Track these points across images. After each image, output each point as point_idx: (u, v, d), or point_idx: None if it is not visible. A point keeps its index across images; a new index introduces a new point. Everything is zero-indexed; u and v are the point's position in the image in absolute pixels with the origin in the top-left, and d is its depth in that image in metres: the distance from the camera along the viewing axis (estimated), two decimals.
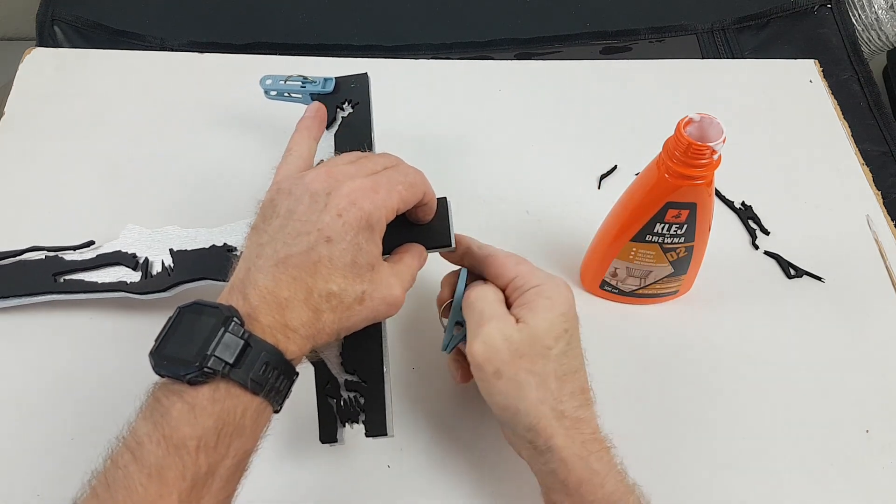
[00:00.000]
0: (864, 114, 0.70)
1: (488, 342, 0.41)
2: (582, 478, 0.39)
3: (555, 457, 0.39)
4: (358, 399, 0.44)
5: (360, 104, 0.54)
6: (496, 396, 0.40)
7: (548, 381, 0.40)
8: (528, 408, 0.40)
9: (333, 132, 0.53)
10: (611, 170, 0.63)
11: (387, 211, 0.39)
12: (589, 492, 0.39)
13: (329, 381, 0.45)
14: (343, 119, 0.53)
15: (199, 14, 0.77)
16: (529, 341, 0.40)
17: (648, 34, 0.76)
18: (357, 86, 0.54)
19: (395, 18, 0.77)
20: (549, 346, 0.41)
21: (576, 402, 0.41)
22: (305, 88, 0.55)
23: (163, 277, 0.50)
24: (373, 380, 0.44)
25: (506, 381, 0.40)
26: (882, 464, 0.49)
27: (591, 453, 0.40)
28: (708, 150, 0.43)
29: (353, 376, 0.44)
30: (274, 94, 0.57)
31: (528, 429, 0.40)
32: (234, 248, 0.50)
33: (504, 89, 0.69)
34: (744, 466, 0.48)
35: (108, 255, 0.51)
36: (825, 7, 0.77)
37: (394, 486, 0.47)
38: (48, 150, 0.62)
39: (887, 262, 0.58)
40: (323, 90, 0.54)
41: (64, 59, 0.68)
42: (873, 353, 0.53)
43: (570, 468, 0.39)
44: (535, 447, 0.40)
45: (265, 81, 0.57)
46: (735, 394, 0.51)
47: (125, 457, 0.33)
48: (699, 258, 0.52)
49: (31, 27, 0.74)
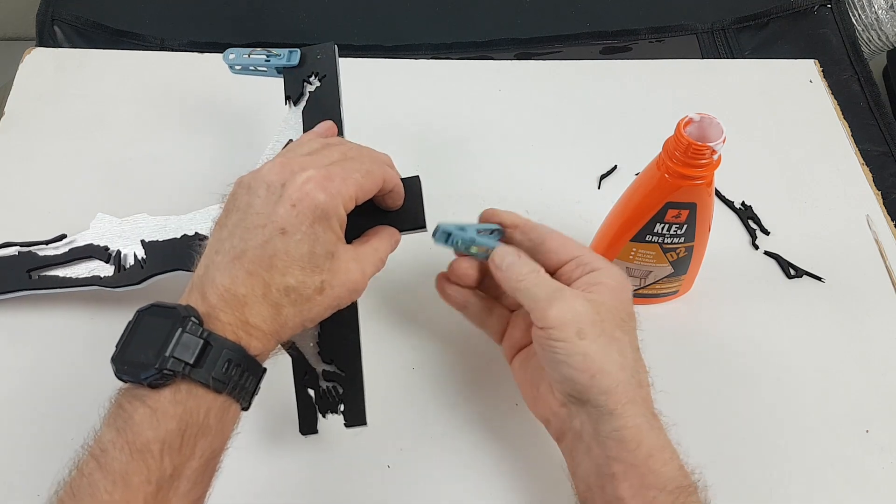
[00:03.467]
0: (864, 114, 0.70)
1: (574, 306, 0.40)
2: (652, 449, 0.38)
3: (628, 423, 0.38)
4: (336, 389, 0.44)
5: (327, 77, 0.51)
6: (574, 357, 0.39)
7: (626, 350, 0.40)
8: (610, 369, 0.39)
9: (301, 108, 0.51)
10: (611, 170, 0.63)
11: (343, 199, 0.38)
12: (657, 464, 0.38)
13: (307, 372, 0.45)
14: (310, 94, 0.51)
15: (199, 14, 0.76)
16: (607, 312, 0.40)
17: (648, 34, 0.76)
18: (323, 57, 0.52)
19: (395, 18, 0.77)
20: (623, 318, 0.41)
21: (646, 378, 0.41)
22: (270, 62, 0.53)
23: (136, 270, 0.50)
24: (350, 369, 0.44)
25: (589, 342, 0.39)
26: (882, 464, 0.49)
27: (660, 430, 0.39)
28: (708, 150, 0.43)
29: (331, 366, 0.45)
30: (239, 69, 0.55)
31: (604, 392, 0.38)
32: (206, 237, 0.49)
33: (504, 89, 0.69)
34: (744, 466, 0.48)
35: (81, 248, 0.51)
36: (825, 7, 0.77)
37: (394, 486, 0.47)
38: (48, 150, 0.62)
39: (887, 262, 0.58)
40: (288, 63, 0.52)
41: (64, 59, 0.68)
42: (873, 353, 0.53)
43: (643, 437, 0.38)
44: (606, 411, 0.38)
45: (228, 56, 0.54)
46: (735, 394, 0.51)
47: (90, 465, 0.33)
48: (699, 258, 0.52)
49: (31, 27, 0.74)
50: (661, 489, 0.37)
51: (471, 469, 0.47)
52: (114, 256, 0.51)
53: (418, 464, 0.47)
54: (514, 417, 0.49)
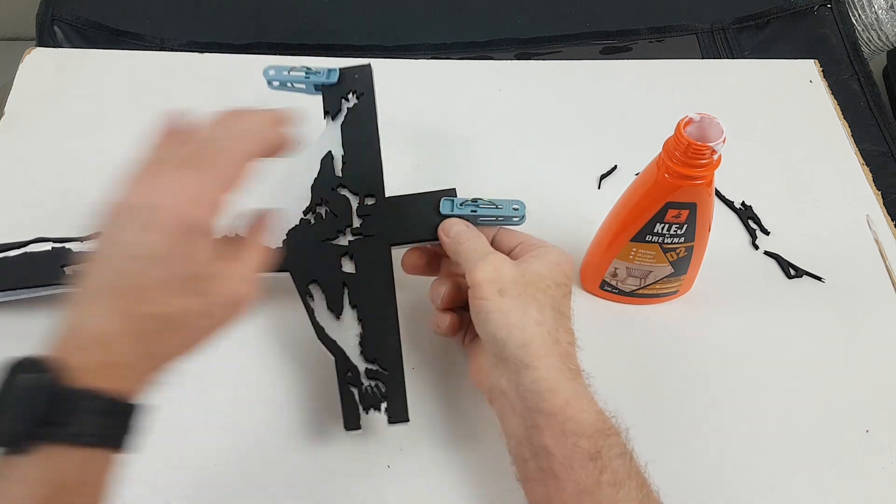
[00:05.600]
0: (864, 114, 0.70)
1: (497, 266, 0.43)
2: (569, 398, 0.40)
3: (543, 375, 0.40)
4: (379, 387, 0.45)
5: (364, 94, 0.54)
6: (494, 315, 0.42)
7: (546, 309, 0.42)
8: (526, 324, 0.41)
9: (340, 122, 0.53)
10: (611, 170, 0.63)
11: (208, 208, 0.35)
12: (575, 412, 0.40)
13: (350, 370, 0.46)
14: (349, 109, 0.54)
15: (199, 14, 0.76)
16: (533, 276, 0.43)
17: (648, 34, 0.76)
18: (360, 76, 0.55)
19: (395, 18, 0.77)
20: (549, 285, 0.43)
21: (569, 339, 0.43)
22: (309, 79, 0.54)
23: None
24: (392, 368, 0.46)
25: (509, 300, 0.42)
26: (882, 464, 0.49)
27: (577, 381, 0.41)
28: (708, 150, 0.43)
29: (374, 365, 0.46)
30: (277, 86, 0.56)
31: (521, 345, 0.41)
32: None
33: (504, 89, 0.69)
34: (744, 466, 0.48)
35: None
36: (825, 7, 0.77)
37: (394, 486, 0.47)
38: (48, 150, 0.62)
39: (887, 262, 0.58)
40: (327, 81, 0.54)
41: (64, 59, 0.68)
42: (873, 353, 0.53)
43: (558, 388, 0.40)
44: (524, 364, 0.41)
45: (268, 72, 0.55)
46: (735, 394, 0.51)
47: None
48: (699, 258, 0.52)
49: (31, 27, 0.74)
50: (581, 435, 0.39)
51: (471, 469, 0.47)
52: None
53: (418, 464, 0.47)
54: None
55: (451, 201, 0.49)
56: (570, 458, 0.39)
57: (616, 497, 0.38)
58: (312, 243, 0.50)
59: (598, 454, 0.38)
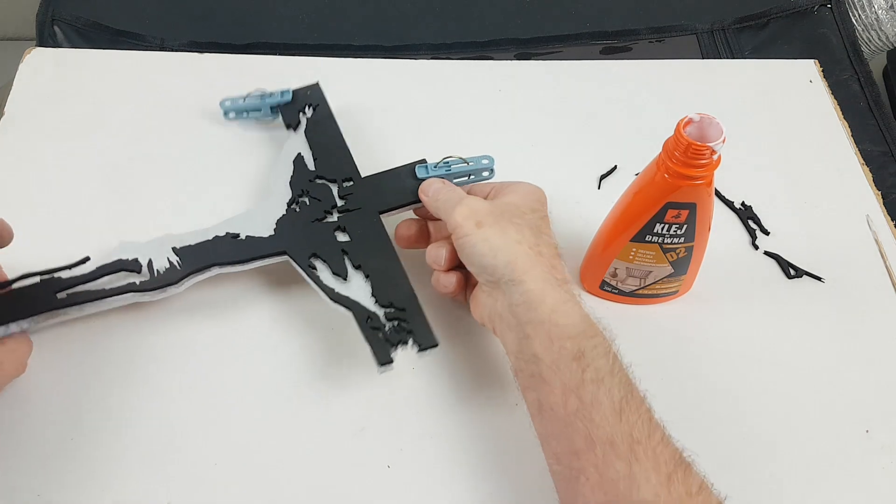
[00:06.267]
0: (864, 114, 0.70)
1: (471, 205, 0.47)
2: (556, 305, 0.42)
3: (529, 287, 0.43)
4: (402, 325, 0.47)
5: (319, 105, 0.60)
6: (478, 245, 0.45)
7: (524, 229, 0.46)
8: (507, 245, 0.44)
9: (303, 131, 0.58)
10: (611, 170, 0.63)
11: None
12: (560, 318, 0.42)
13: (369, 317, 0.48)
14: (308, 119, 0.59)
15: (199, 14, 0.76)
16: (506, 206, 0.47)
17: (648, 34, 0.76)
18: (312, 93, 0.61)
19: (394, 18, 0.77)
20: (524, 211, 0.47)
21: (552, 252, 0.46)
22: (266, 101, 0.60)
23: (173, 271, 0.49)
24: (410, 304, 0.48)
25: (487, 228, 0.45)
26: (882, 464, 0.49)
27: (563, 289, 0.44)
28: (708, 150, 0.43)
29: (390, 308, 0.48)
30: (233, 116, 0.61)
31: (506, 264, 0.44)
32: (238, 235, 0.51)
33: (504, 89, 0.69)
34: (744, 466, 0.48)
35: (109, 264, 0.49)
36: (825, 7, 0.77)
37: (394, 486, 0.47)
38: (48, 150, 0.61)
39: (887, 262, 0.58)
40: (281, 101, 0.60)
41: (64, 59, 0.68)
42: (873, 353, 0.54)
43: (545, 295, 0.42)
44: (512, 281, 0.43)
45: (224, 103, 0.60)
46: (735, 394, 0.51)
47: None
48: (699, 258, 0.52)
49: (31, 27, 0.74)
50: (567, 338, 0.41)
51: (470, 469, 0.47)
52: (146, 266, 0.50)
53: (418, 464, 0.47)
54: (514, 418, 0.49)
55: (426, 166, 0.54)
56: (557, 361, 0.41)
57: (598, 393, 0.40)
58: (304, 225, 0.52)
59: (581, 354, 0.41)
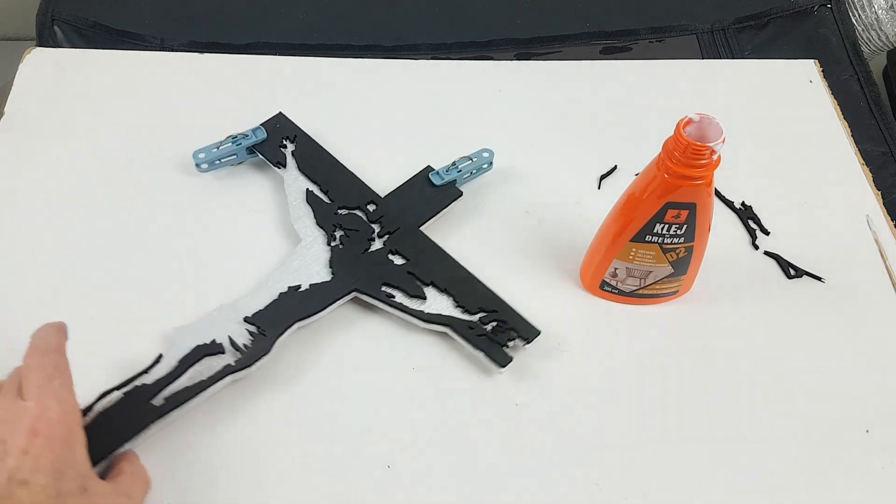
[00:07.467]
0: (864, 114, 0.70)
1: None
2: None
3: None
4: (501, 325, 0.49)
5: (296, 135, 0.59)
6: None
7: None
8: None
9: (295, 167, 0.57)
10: (611, 170, 0.63)
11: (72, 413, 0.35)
12: None
13: (471, 326, 0.50)
14: (293, 153, 0.58)
15: (199, 14, 0.76)
16: None
17: (648, 34, 0.76)
18: (280, 124, 0.60)
19: (394, 18, 0.77)
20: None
21: None
22: (241, 144, 0.58)
23: (260, 340, 0.48)
24: (499, 305, 0.50)
25: None
26: (882, 464, 0.49)
27: None
28: (707, 150, 0.43)
29: (482, 313, 0.50)
30: (206, 168, 0.58)
31: None
32: (300, 286, 0.50)
33: (504, 89, 0.69)
34: (744, 466, 0.48)
35: (191, 355, 0.46)
36: (825, 7, 0.77)
37: (394, 486, 0.47)
38: (48, 150, 0.61)
39: (887, 262, 0.58)
40: (257, 139, 0.59)
41: (64, 59, 0.68)
42: (873, 353, 0.53)
43: None
44: None
45: (198, 156, 0.58)
46: (735, 394, 0.51)
47: None
48: (699, 258, 0.52)
49: (31, 27, 0.74)
50: None
51: (470, 469, 0.47)
52: (228, 344, 0.47)
53: (418, 464, 0.47)
54: (514, 417, 0.49)
55: (438, 172, 0.57)
56: None
57: None
58: (355, 258, 0.53)
59: None
